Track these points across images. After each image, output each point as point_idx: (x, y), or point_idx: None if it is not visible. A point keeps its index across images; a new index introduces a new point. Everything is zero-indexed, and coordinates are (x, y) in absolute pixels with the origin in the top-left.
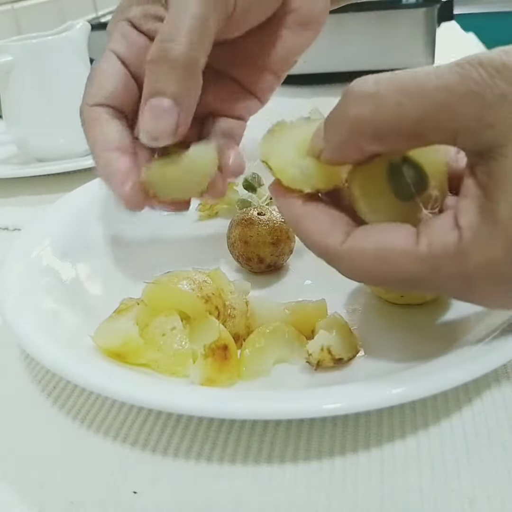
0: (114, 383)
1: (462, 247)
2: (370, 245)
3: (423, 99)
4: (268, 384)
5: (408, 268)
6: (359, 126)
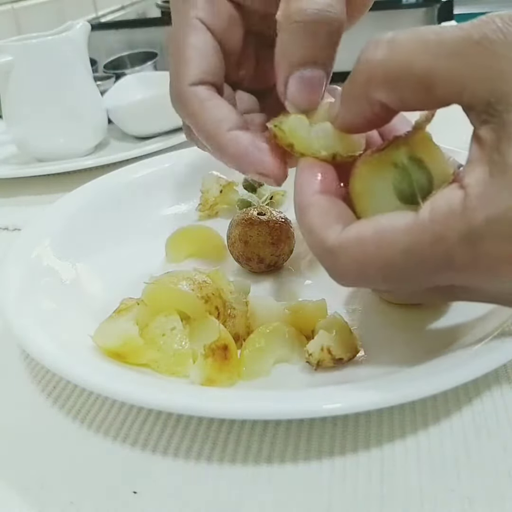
0: (114, 383)
1: (467, 204)
2: (367, 232)
3: (437, 48)
4: (268, 384)
5: (410, 243)
6: (370, 68)
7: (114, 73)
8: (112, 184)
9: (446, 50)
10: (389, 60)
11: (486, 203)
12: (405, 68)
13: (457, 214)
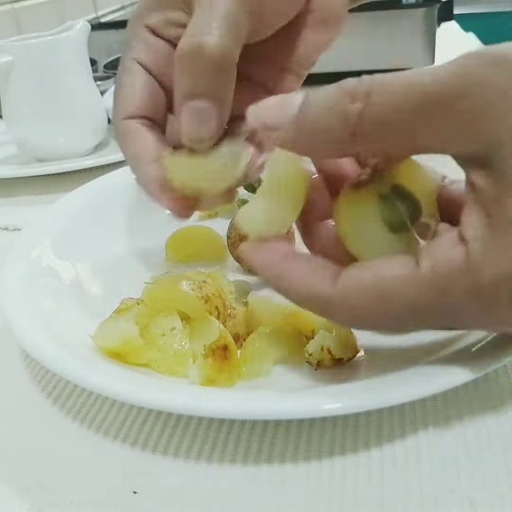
0: (114, 383)
1: (471, 261)
2: (367, 281)
3: (417, 94)
4: (268, 384)
5: (414, 296)
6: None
7: (114, 73)
8: (112, 184)
9: (425, 98)
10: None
11: (491, 262)
12: (391, 115)
13: (461, 273)
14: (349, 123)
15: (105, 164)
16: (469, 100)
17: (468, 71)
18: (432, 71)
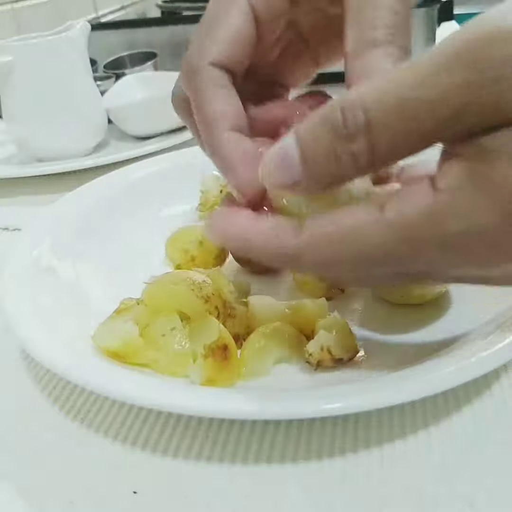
0: (114, 383)
1: (439, 209)
2: (330, 228)
3: (413, 102)
4: (268, 384)
5: (377, 241)
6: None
7: (114, 73)
8: (112, 184)
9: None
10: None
11: (458, 215)
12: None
13: (427, 218)
14: (360, 164)
15: (105, 164)
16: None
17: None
18: (416, 71)
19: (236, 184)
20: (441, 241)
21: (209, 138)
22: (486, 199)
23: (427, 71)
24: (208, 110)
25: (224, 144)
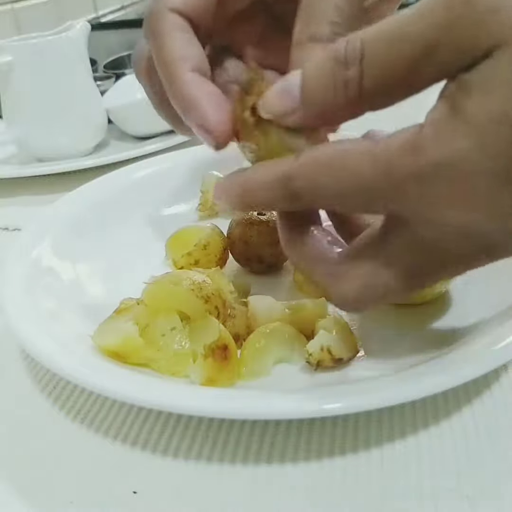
0: (114, 383)
1: (419, 141)
2: (322, 153)
3: (408, 44)
4: (268, 384)
5: (362, 170)
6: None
7: (114, 73)
8: (112, 184)
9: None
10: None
11: (436, 144)
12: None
13: (408, 150)
14: (350, 92)
15: (105, 164)
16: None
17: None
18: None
19: (202, 123)
20: (417, 171)
21: (170, 78)
22: (463, 126)
23: (417, 11)
24: (169, 51)
25: (187, 83)
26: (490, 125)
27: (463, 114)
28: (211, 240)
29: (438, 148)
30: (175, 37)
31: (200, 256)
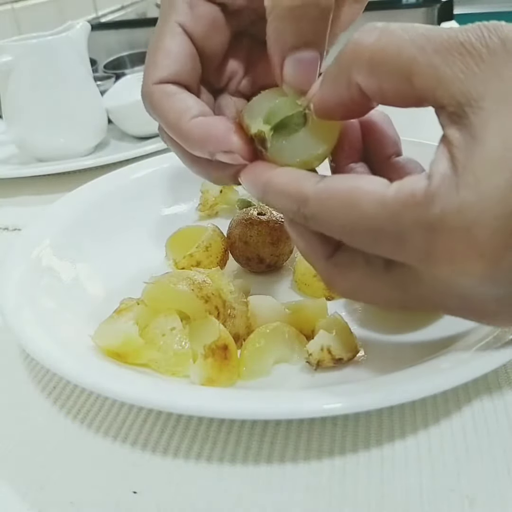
0: (114, 383)
1: (427, 193)
2: (343, 187)
3: (424, 43)
4: (268, 384)
5: (370, 212)
6: (357, 50)
7: (114, 73)
8: (112, 184)
9: (431, 46)
10: (377, 46)
11: (444, 196)
12: (390, 55)
13: (417, 200)
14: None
15: (105, 164)
16: (466, 51)
17: (472, 30)
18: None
19: (223, 148)
20: (424, 222)
21: (180, 133)
22: (466, 180)
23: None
24: (170, 115)
25: (192, 128)
26: (491, 176)
27: (464, 169)
28: (212, 242)
29: (444, 202)
30: (171, 100)
31: (202, 258)
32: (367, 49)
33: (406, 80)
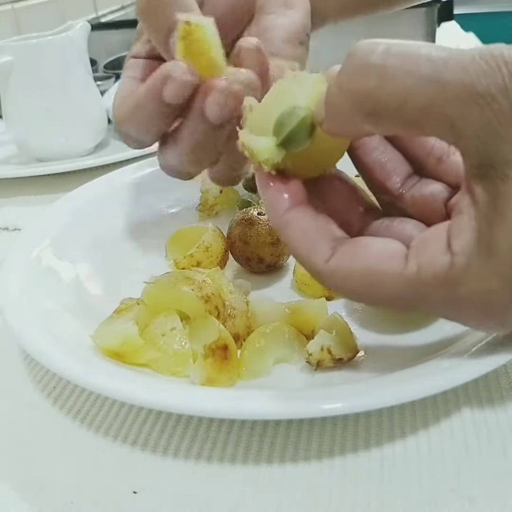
0: (114, 383)
1: (453, 274)
2: (357, 269)
3: (435, 88)
4: (268, 384)
5: (396, 292)
6: (357, 98)
7: (114, 73)
8: (112, 184)
9: (444, 94)
10: (379, 96)
11: (471, 280)
12: (396, 107)
13: (442, 282)
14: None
15: (105, 164)
16: (486, 104)
17: (493, 74)
18: (455, 61)
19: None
20: (454, 302)
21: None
22: (493, 266)
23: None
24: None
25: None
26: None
27: (491, 249)
28: (213, 242)
29: (471, 283)
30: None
31: (202, 258)
32: (369, 97)
33: (420, 129)
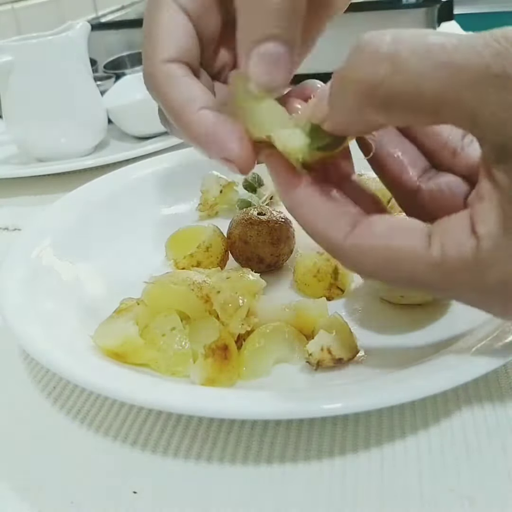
0: (114, 383)
1: (480, 258)
2: (378, 244)
3: (450, 73)
4: (268, 384)
5: (419, 273)
6: (368, 88)
7: (114, 73)
8: (112, 184)
9: (459, 78)
10: (392, 84)
11: (498, 263)
12: (410, 96)
13: (468, 266)
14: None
15: (105, 164)
16: (504, 85)
17: (508, 55)
18: (467, 45)
19: (224, 156)
20: (480, 287)
21: (182, 123)
22: None
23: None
24: (174, 99)
25: (198, 122)
26: None
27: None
28: (213, 242)
29: (499, 266)
30: (176, 84)
31: (203, 258)
32: (381, 86)
33: (435, 116)
